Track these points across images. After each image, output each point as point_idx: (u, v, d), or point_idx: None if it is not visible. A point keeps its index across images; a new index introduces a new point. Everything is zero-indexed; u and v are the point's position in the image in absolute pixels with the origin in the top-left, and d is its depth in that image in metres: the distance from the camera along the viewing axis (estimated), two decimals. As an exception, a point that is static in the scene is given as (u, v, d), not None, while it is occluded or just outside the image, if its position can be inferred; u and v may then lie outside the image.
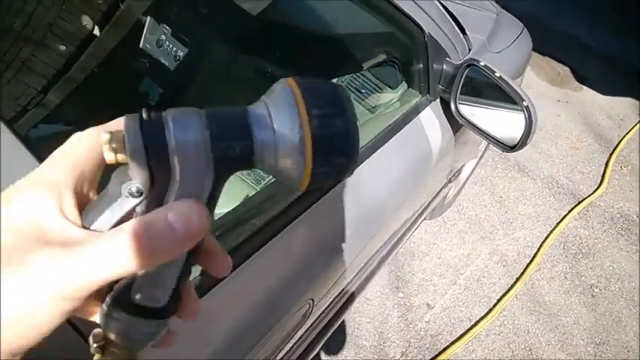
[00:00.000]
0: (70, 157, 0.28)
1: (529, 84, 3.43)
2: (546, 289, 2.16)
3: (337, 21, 1.33)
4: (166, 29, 1.53)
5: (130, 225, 0.25)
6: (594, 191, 2.65)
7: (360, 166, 0.89)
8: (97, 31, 1.56)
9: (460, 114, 1.11)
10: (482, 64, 1.03)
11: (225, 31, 1.51)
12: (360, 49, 1.33)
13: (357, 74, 1.33)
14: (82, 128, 0.31)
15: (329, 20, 1.34)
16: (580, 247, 2.37)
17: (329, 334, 1.21)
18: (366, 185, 0.89)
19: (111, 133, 0.26)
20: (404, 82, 1.25)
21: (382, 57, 1.30)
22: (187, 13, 1.50)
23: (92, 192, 0.29)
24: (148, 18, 1.54)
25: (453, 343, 1.88)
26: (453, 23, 1.33)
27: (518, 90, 0.98)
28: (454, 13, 1.36)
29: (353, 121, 0.28)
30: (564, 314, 2.08)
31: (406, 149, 1.03)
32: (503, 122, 1.06)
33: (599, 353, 1.97)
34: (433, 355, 1.82)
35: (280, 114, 0.27)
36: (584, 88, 3.47)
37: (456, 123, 1.19)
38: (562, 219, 2.47)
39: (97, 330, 0.28)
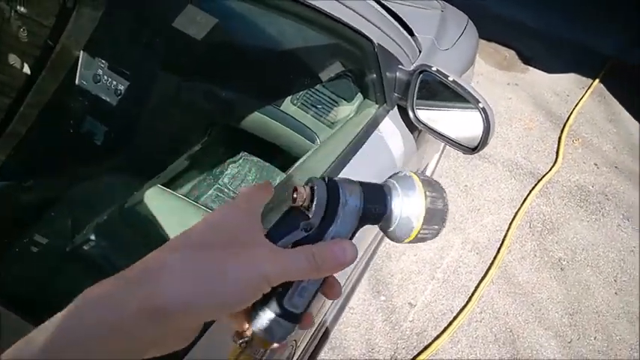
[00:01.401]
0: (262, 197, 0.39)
1: (478, 70, 3.52)
2: (519, 270, 2.22)
3: (286, 38, 1.31)
4: (102, 63, 1.46)
5: (311, 248, 0.36)
6: (551, 168, 2.75)
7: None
8: (26, 69, 1.47)
9: (419, 120, 1.12)
10: (434, 69, 1.03)
11: (169, 59, 1.45)
12: (312, 64, 1.32)
13: (312, 90, 1.31)
14: (28, 182, 0.29)
15: (277, 38, 1.32)
16: (544, 224, 2.45)
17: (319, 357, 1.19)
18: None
19: (301, 188, 0.38)
20: (359, 94, 1.24)
21: (335, 70, 1.29)
22: (124, 43, 1.43)
23: None
24: (82, 53, 1.47)
25: (438, 336, 1.90)
26: (400, 27, 1.34)
27: (472, 92, 0.99)
28: (400, 16, 1.37)
29: (447, 201, 0.43)
30: (538, 291, 2.15)
31: (370, 163, 1.02)
32: (462, 124, 1.07)
33: (573, 322, 2.05)
34: (421, 354, 1.84)
35: (408, 191, 0.41)
36: (530, 69, 3.60)
37: (416, 127, 1.20)
38: (525, 199, 2.55)
39: (237, 331, 0.38)
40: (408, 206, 0.40)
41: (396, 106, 1.21)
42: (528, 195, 2.57)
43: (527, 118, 3.13)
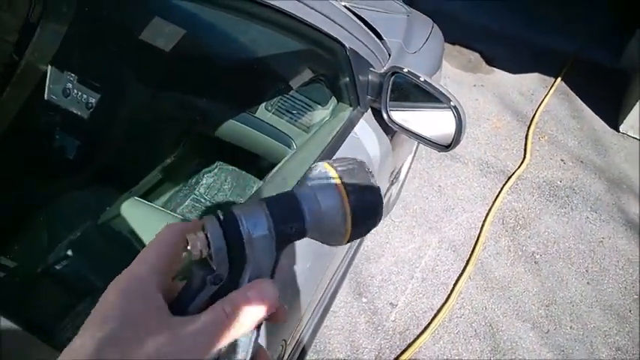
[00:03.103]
0: (164, 249, 0.34)
1: (444, 73, 3.60)
2: (494, 265, 2.28)
3: (258, 45, 1.32)
4: (71, 76, 1.43)
5: (221, 304, 0.32)
6: (520, 165, 2.83)
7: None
8: None
9: (393, 121, 1.14)
10: (405, 70, 1.06)
11: (139, 71, 1.44)
12: (285, 69, 1.33)
13: (286, 96, 1.32)
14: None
15: (249, 45, 1.33)
16: (517, 220, 2.52)
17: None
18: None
19: (194, 234, 0.32)
20: (333, 98, 1.26)
21: (309, 75, 1.30)
22: (92, 56, 1.41)
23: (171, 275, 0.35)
24: (49, 67, 1.44)
25: (420, 335, 1.92)
26: (369, 31, 1.36)
27: (443, 91, 1.02)
28: (368, 21, 1.40)
29: (378, 191, 0.37)
30: (514, 285, 2.20)
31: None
32: (435, 123, 1.10)
33: (549, 313, 2.11)
34: (405, 352, 1.86)
35: (324, 195, 0.35)
36: (495, 70, 3.70)
37: (390, 128, 1.22)
38: (496, 197, 2.61)
39: None
40: (328, 210, 0.34)
41: (370, 109, 1.24)
42: (500, 192, 2.64)
43: (495, 117, 3.22)
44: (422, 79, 1.04)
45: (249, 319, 0.31)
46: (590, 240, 2.47)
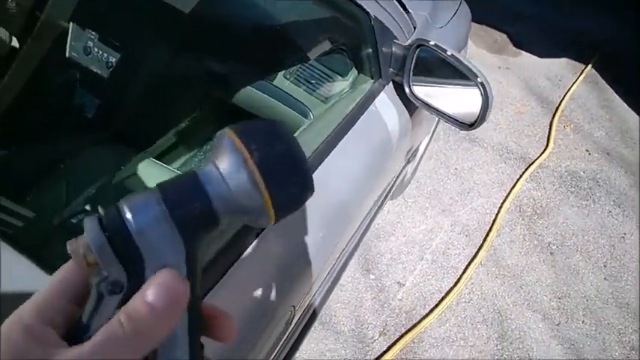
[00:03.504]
0: (59, 275, 0.29)
1: (469, 53, 3.50)
2: (508, 253, 2.24)
3: (278, 11, 1.28)
4: (92, 34, 1.42)
5: (118, 316, 0.26)
6: (542, 153, 2.76)
7: (323, 162, 0.86)
8: (15, 42, 1.42)
9: (415, 96, 1.10)
10: (432, 43, 1.02)
11: (159, 31, 1.41)
12: (306, 38, 1.29)
13: (305, 65, 1.29)
14: (19, 152, 0.28)
15: (269, 10, 1.29)
16: (534, 209, 2.47)
17: (309, 332, 1.19)
18: (332, 182, 0.86)
19: (75, 239, 0.27)
20: (354, 69, 1.22)
21: (329, 45, 1.26)
22: (114, 15, 1.39)
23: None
24: (71, 24, 1.43)
25: (426, 315, 1.91)
26: (396, 2, 1.31)
27: (470, 67, 0.98)
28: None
29: (292, 141, 0.30)
30: (527, 274, 2.17)
31: (365, 139, 1.01)
32: (459, 100, 1.06)
33: (562, 306, 2.08)
34: (410, 331, 1.85)
35: (225, 163, 0.29)
36: (522, 52, 3.58)
37: (411, 104, 1.18)
38: (515, 183, 2.55)
39: None
40: (231, 176, 0.28)
41: (391, 82, 1.20)
42: (519, 179, 2.58)
43: (519, 102, 3.12)
44: (449, 53, 0.99)
45: (155, 324, 0.26)
46: (610, 235, 2.41)
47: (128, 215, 0.27)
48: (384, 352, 1.78)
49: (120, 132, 1.47)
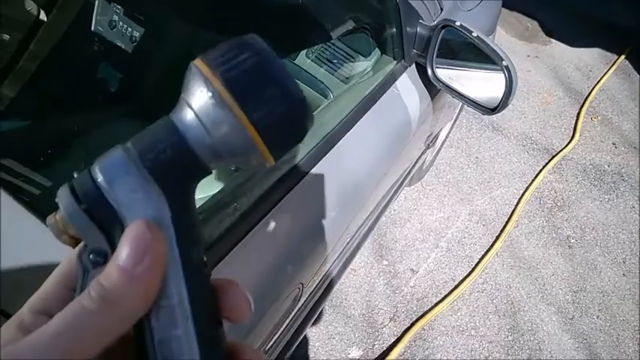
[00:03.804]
0: (58, 271, 0.26)
1: (498, 40, 3.40)
2: (525, 245, 2.21)
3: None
4: (118, 9, 1.42)
5: (84, 293, 0.22)
6: (567, 144, 2.69)
7: (340, 141, 0.85)
8: (43, 16, 1.44)
9: (438, 78, 1.08)
10: (458, 24, 0.99)
11: (182, 7, 1.41)
12: (329, 16, 1.27)
13: (327, 44, 1.27)
14: (41, 122, 0.28)
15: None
16: (555, 201, 2.42)
17: (318, 312, 1.20)
18: (348, 161, 0.86)
19: (54, 213, 0.25)
20: (377, 49, 1.20)
21: (352, 24, 1.24)
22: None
23: None
24: None
25: (438, 303, 1.91)
26: (423, -18, 1.28)
27: (497, 49, 0.95)
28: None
29: (263, 48, 0.25)
30: (543, 267, 2.13)
31: (385, 120, 0.99)
32: (483, 84, 1.03)
33: (577, 300, 2.05)
34: (420, 318, 1.85)
35: (192, 94, 0.24)
36: (553, 41, 3.47)
37: (433, 88, 1.16)
38: (537, 174, 2.50)
39: None
40: (203, 111, 0.24)
41: (414, 64, 1.17)
42: (541, 170, 2.53)
43: (546, 92, 3.04)
44: (475, 35, 0.96)
45: (128, 289, 0.22)
46: (632, 230, 2.35)
47: (97, 173, 0.24)
48: (397, 340, 1.77)
49: (141, 106, 1.48)
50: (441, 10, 1.35)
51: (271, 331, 0.72)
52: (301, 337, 1.10)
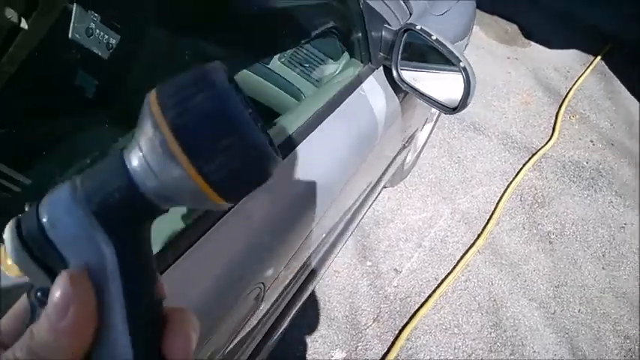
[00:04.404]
0: (18, 305, 0.26)
1: (479, 43, 3.47)
2: (506, 241, 2.24)
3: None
4: (95, 16, 1.45)
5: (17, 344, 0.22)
6: (546, 142, 2.74)
7: (303, 142, 0.88)
8: (24, 24, 1.46)
9: (402, 80, 1.11)
10: (418, 27, 1.02)
11: (158, 14, 1.44)
12: (300, 21, 1.31)
13: (299, 48, 1.30)
14: (17, 129, 0.30)
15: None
16: (536, 198, 2.46)
17: (293, 313, 1.22)
18: (311, 162, 0.88)
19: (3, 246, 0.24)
20: (346, 53, 1.23)
21: (323, 28, 1.28)
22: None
23: None
24: (75, 6, 1.46)
25: (422, 305, 1.93)
26: (391, -12, 1.32)
27: (455, 52, 0.99)
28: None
29: (224, 87, 0.23)
30: (524, 263, 2.17)
31: (350, 120, 1.02)
32: (445, 85, 1.07)
33: (558, 295, 2.08)
34: (404, 318, 1.88)
35: (142, 132, 0.23)
36: (532, 43, 3.54)
37: (401, 90, 1.19)
38: (518, 172, 2.55)
39: None
40: (150, 154, 0.22)
41: (382, 67, 1.20)
42: (522, 168, 2.57)
43: (526, 92, 3.10)
44: (434, 38, 1.00)
45: (53, 347, 0.22)
46: (610, 225, 2.40)
47: (43, 212, 0.23)
48: (387, 351, 1.77)
49: (118, 112, 1.50)
50: (410, 14, 1.39)
51: (234, 330, 0.74)
52: (275, 338, 1.12)
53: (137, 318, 0.24)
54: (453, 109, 1.03)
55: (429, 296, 1.97)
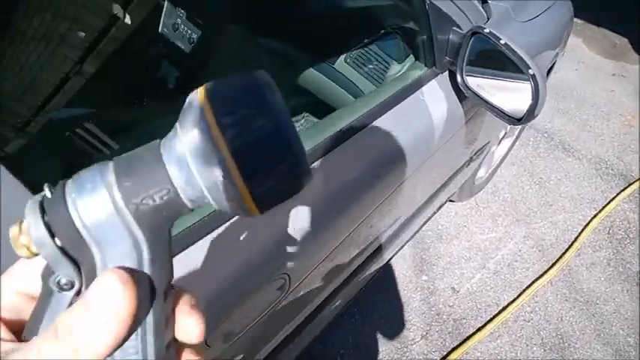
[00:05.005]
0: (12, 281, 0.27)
1: (580, 57, 3.20)
2: (585, 276, 2.03)
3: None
4: (181, 12, 1.55)
5: (52, 326, 0.23)
6: (648, 172, 2.44)
7: (351, 139, 0.86)
8: (128, 19, 1.60)
9: (467, 86, 1.05)
10: (486, 31, 0.96)
11: (236, 14, 1.51)
12: (367, 23, 1.29)
13: (364, 49, 1.28)
14: (103, 114, 0.32)
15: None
16: (627, 232, 2.20)
17: (334, 314, 1.20)
18: (355, 160, 0.86)
19: (18, 224, 0.23)
20: (411, 55, 1.19)
21: (389, 30, 1.25)
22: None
23: None
24: (166, 2, 1.57)
25: (478, 330, 1.80)
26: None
27: (524, 57, 0.91)
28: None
29: (279, 113, 0.23)
30: (604, 302, 1.95)
31: (403, 126, 0.98)
32: (512, 94, 0.99)
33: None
34: (455, 340, 1.77)
35: (191, 139, 0.22)
36: (644, 60, 3.18)
37: (467, 98, 1.12)
38: (609, 201, 2.29)
39: None
40: (202, 166, 0.22)
41: (447, 72, 1.14)
42: (614, 197, 2.31)
43: (630, 114, 2.78)
44: (502, 42, 0.93)
45: (94, 341, 0.22)
46: None
47: (72, 204, 0.23)
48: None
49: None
50: (488, 18, 1.31)
51: (253, 318, 0.74)
52: (309, 332, 1.11)
53: (158, 317, 0.25)
54: (518, 120, 0.95)
55: (488, 321, 1.84)
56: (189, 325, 0.27)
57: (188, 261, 0.62)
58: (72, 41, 1.45)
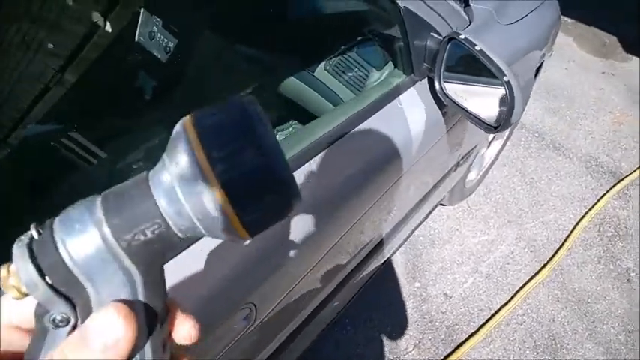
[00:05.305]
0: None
1: (570, 56, 3.19)
2: (577, 275, 2.02)
3: (322, 4, 1.27)
4: (157, 21, 1.53)
5: (48, 357, 0.23)
6: (637, 168, 2.43)
7: (328, 149, 0.85)
8: (108, 27, 1.58)
9: (445, 93, 1.03)
10: (462, 37, 0.94)
11: (215, 22, 1.49)
12: (347, 29, 1.27)
13: (344, 56, 1.27)
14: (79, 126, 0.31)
15: (314, 4, 1.29)
16: (617, 229, 2.19)
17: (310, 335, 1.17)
18: (333, 167, 0.85)
19: (5, 267, 0.23)
20: (390, 62, 1.18)
21: (368, 36, 1.23)
22: (176, 2, 1.49)
23: None
24: (142, 11, 1.54)
25: (471, 335, 1.78)
26: (448, -6, 1.24)
27: (499, 64, 0.89)
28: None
29: (269, 145, 0.23)
30: (595, 301, 1.93)
31: (379, 136, 0.96)
32: (489, 100, 0.97)
33: (631, 341, 1.82)
34: (448, 347, 1.75)
35: (180, 172, 0.22)
36: (633, 58, 3.18)
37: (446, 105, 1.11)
38: (599, 199, 2.29)
39: None
40: (192, 200, 0.23)
41: (426, 79, 1.13)
42: (604, 195, 2.30)
43: (618, 111, 2.78)
44: (477, 48, 0.91)
45: None
46: None
47: (61, 243, 0.23)
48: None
49: (173, 113, 1.56)
50: (470, 22, 1.29)
51: (223, 346, 0.72)
52: (300, 342, 1.09)
53: (155, 340, 0.25)
54: (495, 128, 0.93)
55: (481, 326, 1.82)
56: (187, 329, 0.28)
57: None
58: (52, 49, 1.44)
